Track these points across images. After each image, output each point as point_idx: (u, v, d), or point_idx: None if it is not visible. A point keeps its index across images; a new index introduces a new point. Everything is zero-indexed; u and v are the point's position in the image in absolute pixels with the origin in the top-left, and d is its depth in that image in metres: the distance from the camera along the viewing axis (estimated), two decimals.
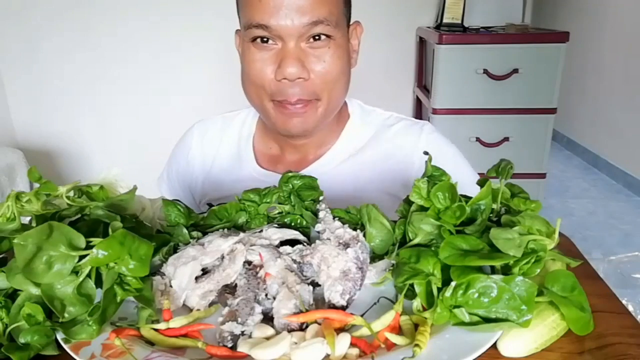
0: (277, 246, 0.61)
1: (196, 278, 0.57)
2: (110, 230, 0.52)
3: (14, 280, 0.48)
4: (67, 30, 2.38)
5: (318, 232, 0.63)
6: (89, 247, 0.48)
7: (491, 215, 0.57)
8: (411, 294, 0.52)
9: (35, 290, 0.48)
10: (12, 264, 0.49)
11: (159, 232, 0.65)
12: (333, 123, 0.90)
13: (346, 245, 0.57)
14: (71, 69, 2.44)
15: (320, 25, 0.75)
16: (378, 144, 0.91)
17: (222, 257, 0.59)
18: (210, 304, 0.55)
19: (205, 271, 0.59)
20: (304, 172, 0.80)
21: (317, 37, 0.77)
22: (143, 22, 2.39)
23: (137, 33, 2.41)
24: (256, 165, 0.92)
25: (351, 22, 0.85)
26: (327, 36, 0.77)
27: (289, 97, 0.78)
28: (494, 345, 0.46)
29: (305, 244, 0.62)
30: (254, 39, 0.78)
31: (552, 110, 2.29)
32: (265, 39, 0.77)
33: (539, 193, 2.79)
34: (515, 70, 2.22)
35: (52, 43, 2.38)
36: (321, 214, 0.65)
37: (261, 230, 0.64)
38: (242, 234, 0.61)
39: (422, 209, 0.57)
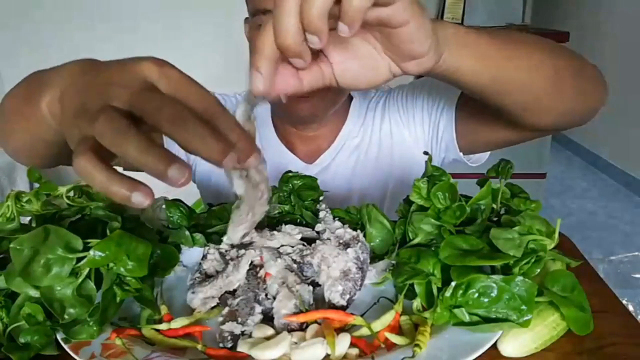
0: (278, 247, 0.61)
1: (199, 282, 0.57)
2: (107, 231, 0.52)
3: (13, 283, 0.48)
4: (67, 30, 2.38)
5: (318, 232, 0.63)
6: (86, 248, 0.48)
7: (491, 215, 0.57)
8: (411, 294, 0.52)
9: (34, 293, 0.48)
10: (11, 267, 0.49)
11: (160, 232, 0.65)
12: (340, 109, 0.91)
13: (346, 245, 0.57)
14: None
15: None
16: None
17: (227, 263, 0.58)
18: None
19: (208, 275, 0.59)
20: (319, 160, 0.92)
21: None
22: (143, 25, 2.40)
23: (137, 35, 2.40)
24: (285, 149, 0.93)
25: None
26: None
27: None
28: (494, 345, 0.46)
29: (305, 244, 0.62)
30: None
31: None
32: None
33: (539, 193, 2.79)
34: None
35: (53, 43, 2.38)
36: (321, 214, 0.65)
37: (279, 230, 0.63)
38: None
39: (422, 209, 0.57)
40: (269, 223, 0.68)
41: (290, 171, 0.70)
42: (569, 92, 0.60)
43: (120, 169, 0.38)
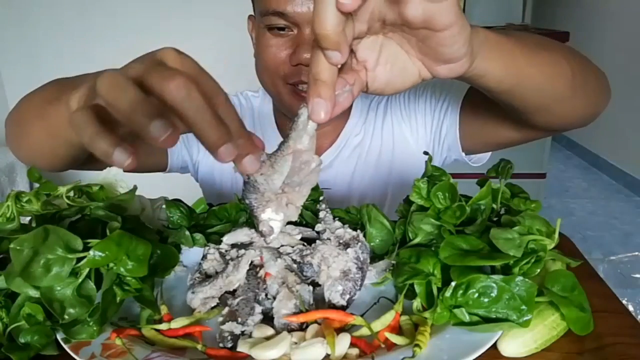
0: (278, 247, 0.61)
1: (199, 282, 0.57)
2: (107, 231, 0.52)
3: (13, 283, 0.48)
4: (68, 31, 2.38)
5: (318, 232, 0.63)
6: (86, 248, 0.48)
7: (491, 215, 0.57)
8: (411, 294, 0.52)
9: (34, 293, 0.48)
10: (11, 267, 0.49)
11: (160, 232, 0.65)
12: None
13: (346, 245, 0.57)
14: (72, 69, 2.43)
15: None
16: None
17: (227, 263, 0.58)
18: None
19: (208, 275, 0.59)
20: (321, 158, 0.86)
21: None
22: (145, 24, 2.39)
23: (138, 34, 2.40)
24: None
25: None
26: None
27: (304, 77, 0.78)
28: (494, 345, 0.46)
29: (305, 244, 0.62)
30: (270, 28, 0.78)
31: None
32: (282, 28, 0.77)
33: (539, 193, 2.79)
34: None
35: (53, 43, 2.38)
36: (321, 214, 0.65)
37: None
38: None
39: (422, 209, 0.57)
40: None
41: None
42: (582, 93, 0.61)
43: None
